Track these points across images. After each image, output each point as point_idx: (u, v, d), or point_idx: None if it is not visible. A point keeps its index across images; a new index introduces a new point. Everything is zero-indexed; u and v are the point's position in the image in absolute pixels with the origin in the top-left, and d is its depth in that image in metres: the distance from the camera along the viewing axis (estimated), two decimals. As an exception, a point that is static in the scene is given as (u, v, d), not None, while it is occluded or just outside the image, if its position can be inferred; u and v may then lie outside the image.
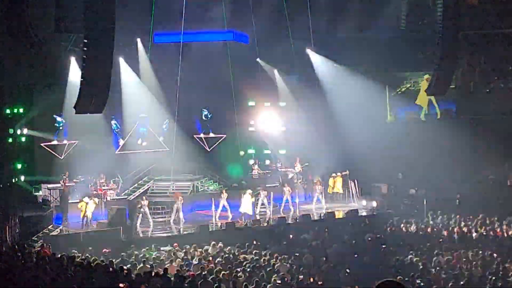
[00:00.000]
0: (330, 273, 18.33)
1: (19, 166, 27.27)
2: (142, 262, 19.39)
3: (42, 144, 27.90)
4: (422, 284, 17.73)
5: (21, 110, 27.83)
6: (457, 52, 26.65)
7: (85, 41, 19.87)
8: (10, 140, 26.95)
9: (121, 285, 15.56)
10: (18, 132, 27.42)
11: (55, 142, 27.97)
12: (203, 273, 17.58)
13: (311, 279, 17.65)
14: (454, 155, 31.10)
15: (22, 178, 27.02)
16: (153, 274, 16.79)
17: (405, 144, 31.09)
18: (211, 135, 30.79)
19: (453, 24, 25.16)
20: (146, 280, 16.28)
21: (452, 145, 30.68)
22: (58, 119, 28.05)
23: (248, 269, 18.34)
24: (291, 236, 24.20)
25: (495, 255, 20.34)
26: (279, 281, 17.32)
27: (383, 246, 21.72)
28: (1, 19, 24.58)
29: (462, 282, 17.39)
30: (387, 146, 30.73)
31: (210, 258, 20.21)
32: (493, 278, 17.82)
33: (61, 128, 28.15)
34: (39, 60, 27.65)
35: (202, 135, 30.72)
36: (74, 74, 26.65)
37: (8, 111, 26.99)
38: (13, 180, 26.07)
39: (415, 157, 30.98)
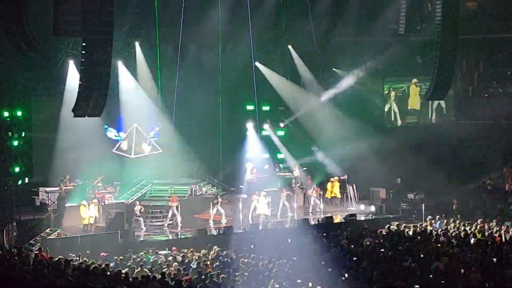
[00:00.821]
0: (328, 278, 18.26)
1: (17, 169, 27.21)
2: (140, 266, 19.34)
3: None
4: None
5: (19, 114, 27.80)
6: (456, 56, 26.64)
7: (84, 44, 19.86)
8: (8, 143, 26.90)
9: (118, 289, 15.54)
10: (16, 135, 27.37)
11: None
12: (201, 277, 17.53)
13: (309, 284, 17.58)
14: (452, 160, 31.05)
15: (20, 181, 26.97)
16: (150, 278, 16.75)
17: (404, 149, 31.04)
18: None
19: (451, 28, 25.16)
20: (144, 284, 16.25)
21: (450, 150, 30.65)
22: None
23: (246, 274, 18.29)
24: (289, 240, 24.12)
25: (494, 260, 20.27)
26: (277, 286, 17.27)
27: (382, 250, 21.66)
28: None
29: (460, 288, 17.33)
30: (386, 150, 30.69)
31: (208, 262, 20.15)
32: (492, 284, 17.75)
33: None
34: (38, 64, 27.60)
35: None
36: (73, 77, 26.62)
37: (6, 114, 26.95)
38: (11, 183, 26.00)
39: (413, 161, 30.92)
